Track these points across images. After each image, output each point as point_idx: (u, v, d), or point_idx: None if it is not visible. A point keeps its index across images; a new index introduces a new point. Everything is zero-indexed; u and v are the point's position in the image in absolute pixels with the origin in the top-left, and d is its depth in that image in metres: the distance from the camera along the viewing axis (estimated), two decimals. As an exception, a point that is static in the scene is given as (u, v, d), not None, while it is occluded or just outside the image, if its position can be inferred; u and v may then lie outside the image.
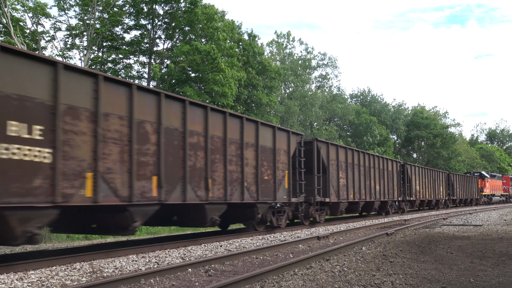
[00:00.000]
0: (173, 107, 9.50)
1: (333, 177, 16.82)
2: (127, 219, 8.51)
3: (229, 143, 11.20)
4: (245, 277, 6.02)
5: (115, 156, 8.08)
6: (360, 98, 56.52)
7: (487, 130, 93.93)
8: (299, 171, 14.58)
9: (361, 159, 19.28)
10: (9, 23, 20.26)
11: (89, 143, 7.65)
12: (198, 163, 10.15)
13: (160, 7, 26.10)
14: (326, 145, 16.58)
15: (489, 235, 12.69)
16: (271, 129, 13.11)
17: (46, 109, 6.97)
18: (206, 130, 10.41)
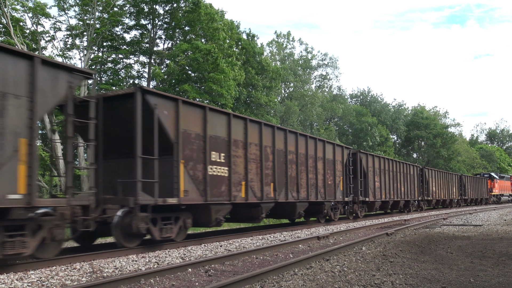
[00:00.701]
0: (280, 135, 13.93)
1: (371, 181, 20.65)
2: (259, 212, 12.74)
3: (309, 158, 15.36)
4: (245, 277, 6.02)
5: (254, 171, 12.41)
6: (360, 98, 56.53)
7: (487, 130, 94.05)
8: (349, 176, 18.57)
9: (390, 165, 23.24)
10: (9, 23, 20.27)
11: (243, 163, 11.97)
12: (293, 173, 14.37)
13: (161, 7, 26.11)
14: (366, 156, 20.56)
15: (489, 235, 12.69)
16: (332, 145, 17.36)
17: (225, 143, 11.32)
18: (297, 150, 14.67)
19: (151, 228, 9.26)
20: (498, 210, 30.99)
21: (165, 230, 9.67)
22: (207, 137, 10.60)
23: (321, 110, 42.13)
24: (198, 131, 10.41)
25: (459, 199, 36.84)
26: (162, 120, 9.39)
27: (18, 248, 6.98)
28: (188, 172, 9.96)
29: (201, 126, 10.53)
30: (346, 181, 18.19)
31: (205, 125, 10.60)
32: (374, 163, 21.08)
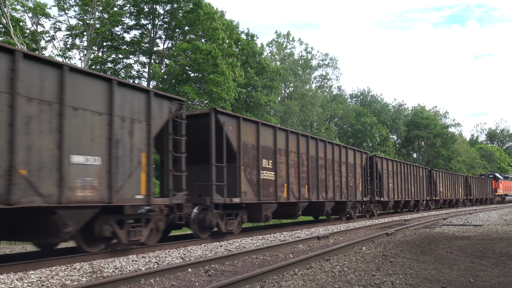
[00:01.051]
0: (312, 143, 16.06)
1: (385, 183, 22.68)
2: (296, 210, 14.99)
3: (334, 162, 17.50)
4: (245, 277, 6.02)
5: (293, 175, 14.53)
6: (360, 98, 56.53)
7: (487, 130, 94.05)
8: (367, 178, 20.89)
9: (401, 167, 25.30)
10: (9, 23, 20.27)
11: (285, 168, 14.09)
12: (322, 176, 16.52)
13: (161, 7, 26.09)
14: (380, 159, 22.96)
15: (489, 235, 12.69)
16: (353, 151, 19.50)
17: (272, 152, 13.52)
18: (325, 156, 16.86)
19: (219, 223, 11.38)
20: (498, 210, 31.00)
21: (229, 224, 11.80)
22: (259, 147, 12.85)
23: (321, 111, 42.12)
24: (253, 142, 12.62)
25: (465, 199, 38.55)
26: (228, 134, 11.54)
27: (137, 235, 9.07)
28: (246, 176, 12.15)
29: (255, 138, 12.73)
30: (364, 183, 20.63)
31: (258, 137, 12.78)
32: (388, 166, 23.37)
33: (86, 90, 7.98)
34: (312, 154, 15.82)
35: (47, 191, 7.15)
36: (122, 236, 8.76)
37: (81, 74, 7.95)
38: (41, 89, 7.24)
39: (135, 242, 9.07)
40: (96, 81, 8.21)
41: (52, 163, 7.29)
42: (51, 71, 7.42)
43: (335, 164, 17.45)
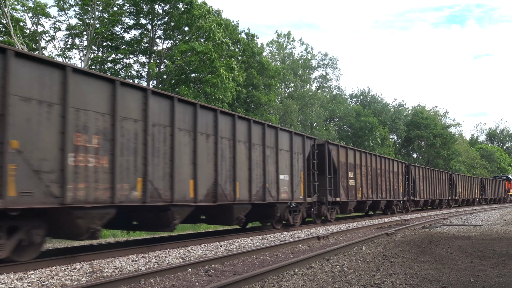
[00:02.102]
0: (374, 158, 21.64)
1: (417, 185, 27.12)
2: (365, 206, 20.51)
3: (386, 171, 22.76)
4: (245, 277, 6.02)
5: (364, 181, 19.95)
6: (360, 98, 56.52)
7: (487, 130, 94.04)
8: (405, 182, 25.68)
9: (430, 173, 29.59)
10: (9, 23, 20.26)
11: (359, 177, 19.62)
12: (379, 182, 21.72)
13: (160, 7, 26.08)
14: (414, 167, 26.95)
15: (489, 235, 12.69)
16: (396, 162, 24.73)
17: (353, 166, 19.13)
18: (380, 166, 22.12)
19: (327, 213, 17.10)
20: (498, 210, 31.00)
21: (331, 215, 17.55)
22: (348, 163, 18.65)
23: (322, 111, 42.11)
24: (343, 161, 18.31)
25: (480, 198, 43.15)
26: (333, 156, 17.62)
27: (296, 219, 15.35)
28: (342, 183, 17.89)
29: (345, 157, 18.53)
30: (404, 186, 24.80)
31: (347, 157, 18.63)
32: (419, 172, 27.77)
33: (283, 138, 14.19)
34: (373, 166, 21.12)
35: (274, 194, 13.37)
36: (290, 218, 14.92)
37: (282, 131, 14.32)
38: (270, 139, 13.54)
39: (295, 223, 15.20)
40: (285, 133, 14.46)
41: (274, 180, 13.51)
42: (258, 127, 13.03)
43: (386, 173, 22.40)
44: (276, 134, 13.66)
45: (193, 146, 10.17)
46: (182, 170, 9.79)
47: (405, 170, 25.20)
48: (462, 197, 37.12)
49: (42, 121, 7.09)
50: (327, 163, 17.06)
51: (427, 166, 32.36)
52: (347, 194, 18.21)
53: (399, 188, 24.10)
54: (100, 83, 8.10)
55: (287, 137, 14.39)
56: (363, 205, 20.31)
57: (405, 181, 24.90)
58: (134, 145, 8.64)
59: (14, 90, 6.72)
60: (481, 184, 43.92)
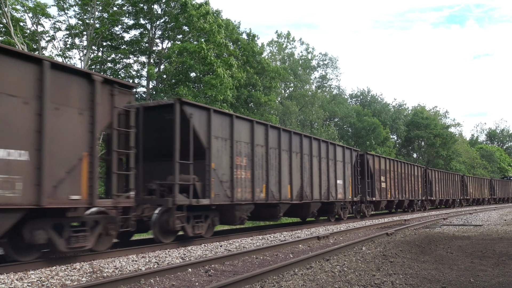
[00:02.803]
0: (400, 164, 24.98)
1: (433, 186, 30.53)
2: (393, 204, 24.20)
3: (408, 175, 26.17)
4: (245, 277, 6.02)
5: (393, 184, 23.69)
6: (360, 98, 56.50)
7: (487, 130, 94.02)
8: (424, 184, 28.51)
9: (444, 175, 33.72)
10: (9, 23, 20.26)
11: (389, 180, 23.17)
12: (403, 184, 25.18)
13: (159, 6, 26.07)
14: (431, 171, 30.63)
15: (489, 235, 12.69)
16: (415, 166, 27.97)
17: (384, 171, 22.79)
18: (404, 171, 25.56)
19: (365, 210, 20.73)
20: (498, 210, 31.01)
21: (367, 211, 20.92)
22: (380, 169, 21.95)
23: (322, 112, 42.10)
24: (377, 167, 21.77)
25: (490, 198, 46.64)
26: (370, 164, 21.10)
27: (343, 215, 18.88)
28: (376, 186, 20.97)
29: (378, 165, 21.96)
30: (422, 186, 28.42)
31: (380, 164, 22.11)
32: (435, 175, 31.15)
33: (338, 152, 17.95)
34: (398, 171, 24.49)
35: (334, 195, 16.99)
36: (341, 213, 18.50)
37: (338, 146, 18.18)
38: (331, 153, 17.45)
39: (343, 217, 18.72)
40: (339, 147, 18.28)
41: (334, 184, 17.12)
42: (324, 145, 17.01)
43: (408, 176, 25.88)
44: (334, 148, 17.90)
45: (289, 161, 14.43)
46: (284, 178, 14.00)
47: (423, 173, 28.78)
48: (473, 196, 40.54)
49: (223, 150, 11.44)
50: (366, 169, 20.66)
51: (442, 170, 36.77)
52: (380, 195, 22.06)
53: (419, 189, 27.70)
54: (246, 123, 12.46)
55: (341, 151, 18.49)
56: (391, 204, 24.37)
57: (424, 183, 28.48)
58: (261, 163, 12.94)
59: (213, 133, 11.09)
60: (491, 184, 47.53)
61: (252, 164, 12.43)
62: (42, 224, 7.37)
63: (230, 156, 11.60)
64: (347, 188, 18.63)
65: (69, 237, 7.72)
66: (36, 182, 6.97)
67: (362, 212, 20.81)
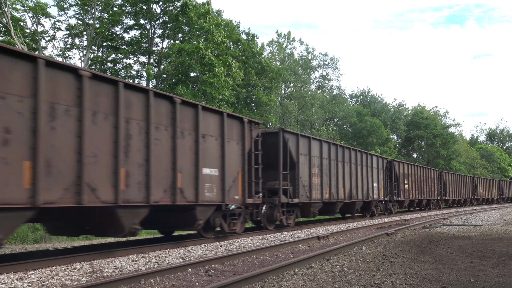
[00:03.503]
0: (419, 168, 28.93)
1: (447, 187, 34.14)
2: (413, 202, 27.77)
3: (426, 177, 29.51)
4: (245, 277, 6.02)
5: (414, 186, 27.08)
6: (360, 98, 56.50)
7: (487, 130, 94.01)
8: (439, 185, 32.75)
9: (458, 177, 37.66)
10: (9, 23, 20.25)
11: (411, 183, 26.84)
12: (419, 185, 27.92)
13: (158, 6, 26.06)
14: (446, 173, 34.54)
15: (489, 235, 12.69)
16: (432, 170, 30.81)
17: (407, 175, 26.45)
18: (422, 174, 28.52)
19: (392, 208, 24.12)
20: (498, 210, 31.01)
21: (394, 209, 24.43)
22: (404, 173, 25.22)
23: (322, 112, 42.08)
24: (402, 171, 25.06)
25: (498, 197, 50.24)
26: (396, 169, 23.76)
27: (377, 212, 22.71)
28: (401, 188, 24.35)
29: (402, 169, 25.44)
30: (437, 188, 31.16)
31: (403, 169, 25.55)
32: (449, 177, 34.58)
33: (374, 160, 21.59)
34: (418, 174, 27.59)
35: (371, 195, 20.81)
36: (375, 211, 21.99)
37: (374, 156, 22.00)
38: (370, 162, 21.41)
39: (377, 214, 22.08)
40: (374, 156, 21.70)
41: (371, 187, 21.08)
42: (365, 155, 20.81)
43: (426, 179, 28.93)
44: (371, 158, 21.54)
45: (343, 170, 18.24)
46: (339, 183, 17.77)
47: (439, 176, 31.90)
48: (483, 196, 44.11)
49: (305, 163, 15.44)
50: (393, 174, 23.97)
51: (456, 172, 40.26)
52: (404, 195, 25.17)
53: (435, 190, 30.81)
54: (317, 142, 16.48)
55: (375, 159, 22.10)
56: (412, 203, 27.53)
57: (439, 184, 31.59)
58: (326, 171, 16.72)
59: (300, 151, 15.18)
60: (499, 185, 51.93)
61: (321, 173, 16.39)
62: (217, 214, 11.13)
63: (309, 167, 15.56)
64: (380, 190, 22.28)
65: (229, 223, 11.62)
66: (222, 188, 11.04)
67: (390, 209, 23.92)
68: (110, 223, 8.42)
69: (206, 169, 10.52)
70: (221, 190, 11.00)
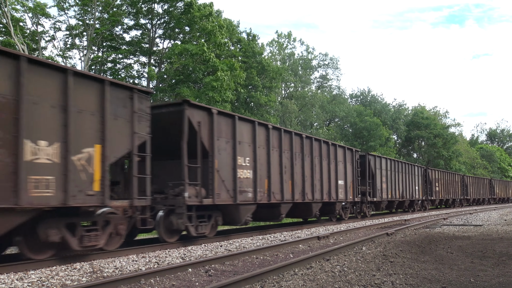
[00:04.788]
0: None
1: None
2: (442, 202, 34.58)
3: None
4: (245, 277, 6.02)
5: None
6: (360, 98, 56.49)
7: (487, 130, 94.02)
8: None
9: (474, 180, 41.64)
10: (9, 23, 20.27)
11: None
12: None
13: (159, 6, 26.06)
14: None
15: (489, 235, 12.68)
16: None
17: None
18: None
19: (426, 205, 29.73)
20: (498, 210, 31.00)
21: (428, 206, 29.57)
22: (434, 177, 29.51)
23: (321, 112, 42.08)
24: (433, 176, 29.21)
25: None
26: (430, 176, 29.94)
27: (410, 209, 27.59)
28: (434, 189, 30.13)
29: (434, 175, 30.49)
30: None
31: (434, 175, 30.69)
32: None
33: (408, 168, 26.68)
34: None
35: (405, 195, 25.73)
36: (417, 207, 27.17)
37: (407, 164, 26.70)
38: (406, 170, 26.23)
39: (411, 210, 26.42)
40: (407, 164, 26.47)
41: (408, 188, 26.55)
42: (399, 163, 25.33)
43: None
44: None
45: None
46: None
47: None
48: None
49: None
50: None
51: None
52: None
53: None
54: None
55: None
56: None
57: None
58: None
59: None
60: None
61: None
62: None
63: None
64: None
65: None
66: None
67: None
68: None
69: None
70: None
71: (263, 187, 12.69)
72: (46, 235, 7.39)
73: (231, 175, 11.48)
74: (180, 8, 25.51)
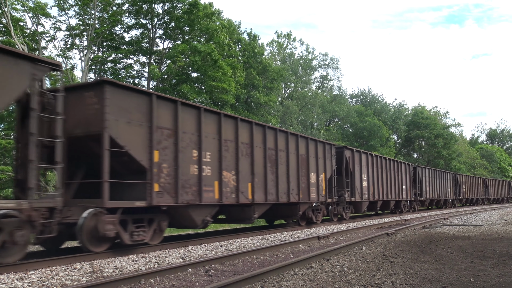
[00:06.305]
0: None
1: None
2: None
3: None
4: (245, 277, 6.02)
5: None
6: (360, 98, 56.49)
7: (487, 130, 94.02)
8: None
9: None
10: (9, 23, 20.26)
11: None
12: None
13: (159, 6, 26.07)
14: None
15: (489, 235, 12.68)
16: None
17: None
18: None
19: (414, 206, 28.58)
20: (498, 210, 31.00)
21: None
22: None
23: (321, 112, 42.08)
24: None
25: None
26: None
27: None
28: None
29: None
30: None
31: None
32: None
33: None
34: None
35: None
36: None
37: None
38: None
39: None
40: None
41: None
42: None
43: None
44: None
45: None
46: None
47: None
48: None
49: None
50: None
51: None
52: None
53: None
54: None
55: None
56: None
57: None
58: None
59: None
60: (509, 186, 55.94)
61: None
62: None
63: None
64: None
65: None
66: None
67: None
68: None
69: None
70: None
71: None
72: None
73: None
74: (180, 8, 25.51)
